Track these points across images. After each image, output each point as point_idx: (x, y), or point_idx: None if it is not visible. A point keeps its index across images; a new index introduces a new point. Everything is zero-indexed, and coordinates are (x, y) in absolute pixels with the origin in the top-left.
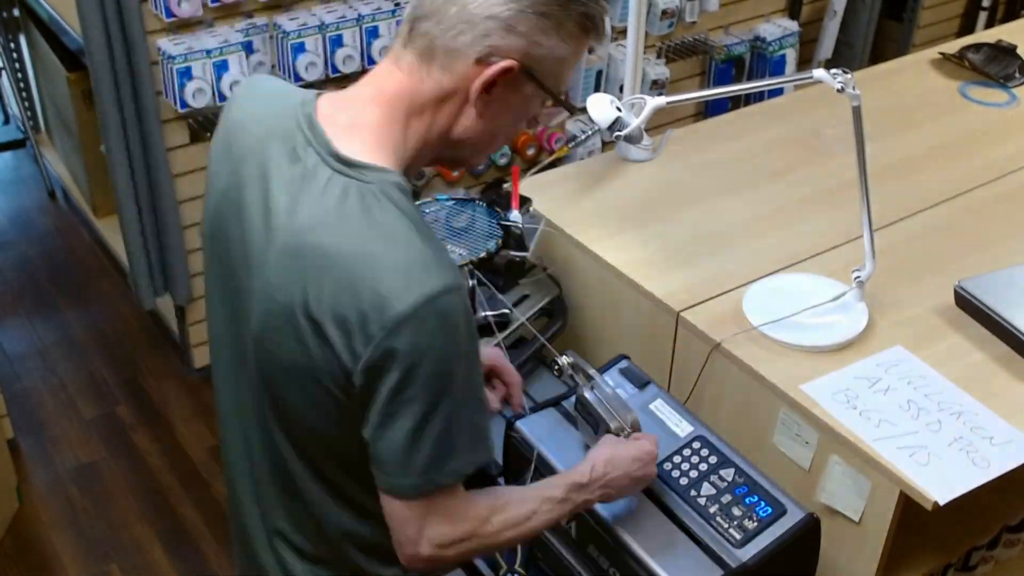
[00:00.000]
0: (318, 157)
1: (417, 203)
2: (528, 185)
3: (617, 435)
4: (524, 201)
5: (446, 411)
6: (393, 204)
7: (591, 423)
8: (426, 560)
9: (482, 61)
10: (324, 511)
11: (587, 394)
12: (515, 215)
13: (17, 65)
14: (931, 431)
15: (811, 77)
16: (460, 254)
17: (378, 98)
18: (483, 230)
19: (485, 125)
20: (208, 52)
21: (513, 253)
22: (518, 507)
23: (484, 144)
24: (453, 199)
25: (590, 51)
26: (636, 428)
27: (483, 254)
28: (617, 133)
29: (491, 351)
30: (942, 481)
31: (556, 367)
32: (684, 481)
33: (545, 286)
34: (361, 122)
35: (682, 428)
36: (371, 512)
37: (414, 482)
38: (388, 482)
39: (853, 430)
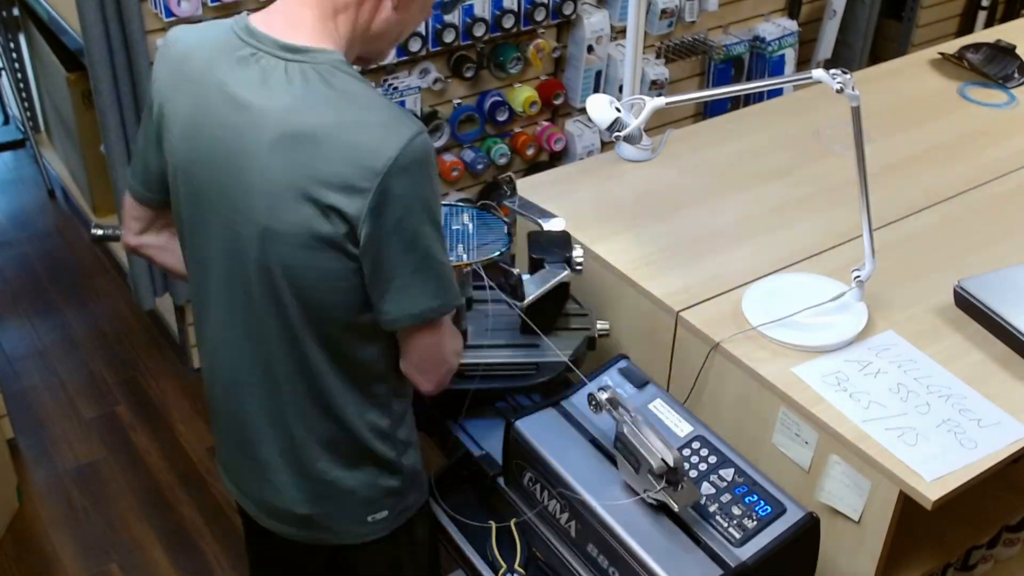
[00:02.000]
0: (267, 55)
1: None
2: (528, 185)
3: (660, 476)
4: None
5: (438, 240)
6: (347, 75)
7: (632, 462)
8: (449, 372)
9: None
10: (343, 402)
11: (626, 431)
12: None
13: (17, 65)
14: (919, 413)
15: (810, 77)
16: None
17: (308, 2)
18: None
19: (400, 16)
20: None
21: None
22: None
23: (397, 35)
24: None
25: (588, 50)
26: (679, 466)
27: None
28: (616, 133)
29: None
30: (930, 462)
31: (593, 402)
32: None
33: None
34: (297, 21)
35: (681, 428)
36: (379, 397)
37: (435, 304)
38: (414, 311)
39: (843, 412)
